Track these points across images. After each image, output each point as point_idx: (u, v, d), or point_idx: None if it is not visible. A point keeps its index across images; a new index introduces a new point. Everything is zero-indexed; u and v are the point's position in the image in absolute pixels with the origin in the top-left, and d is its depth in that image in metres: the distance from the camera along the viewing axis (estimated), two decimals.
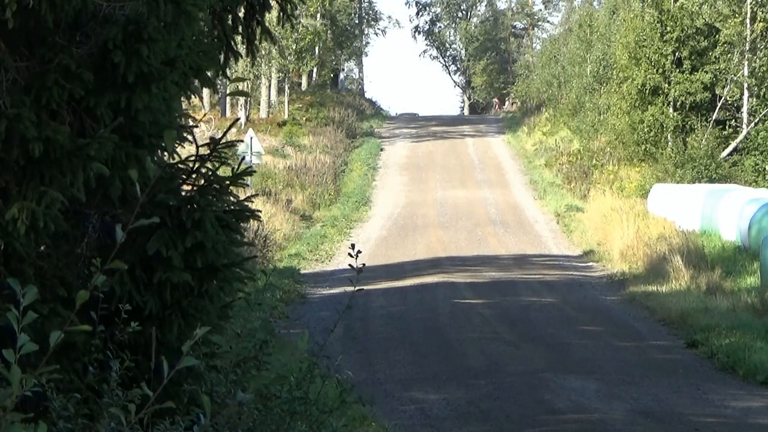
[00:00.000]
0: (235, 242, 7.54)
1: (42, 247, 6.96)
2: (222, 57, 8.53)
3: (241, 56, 9.05)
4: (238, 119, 40.42)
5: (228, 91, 7.90)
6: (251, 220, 7.92)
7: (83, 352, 6.86)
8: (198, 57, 7.44)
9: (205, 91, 51.84)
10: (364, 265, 8.59)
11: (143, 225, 7.03)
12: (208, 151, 7.71)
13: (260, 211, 8.13)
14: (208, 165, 7.69)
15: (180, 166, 7.82)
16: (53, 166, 6.72)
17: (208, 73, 7.81)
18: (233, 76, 8.53)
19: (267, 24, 9.21)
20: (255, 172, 8.71)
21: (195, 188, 7.59)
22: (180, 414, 6.78)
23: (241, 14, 8.95)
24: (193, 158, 7.74)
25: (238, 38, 9.03)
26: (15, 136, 6.68)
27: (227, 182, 7.62)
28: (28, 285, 4.13)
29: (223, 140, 7.77)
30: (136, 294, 7.18)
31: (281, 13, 9.21)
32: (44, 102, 6.81)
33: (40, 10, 6.64)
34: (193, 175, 7.69)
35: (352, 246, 8.62)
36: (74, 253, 7.15)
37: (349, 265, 8.50)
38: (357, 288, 8.75)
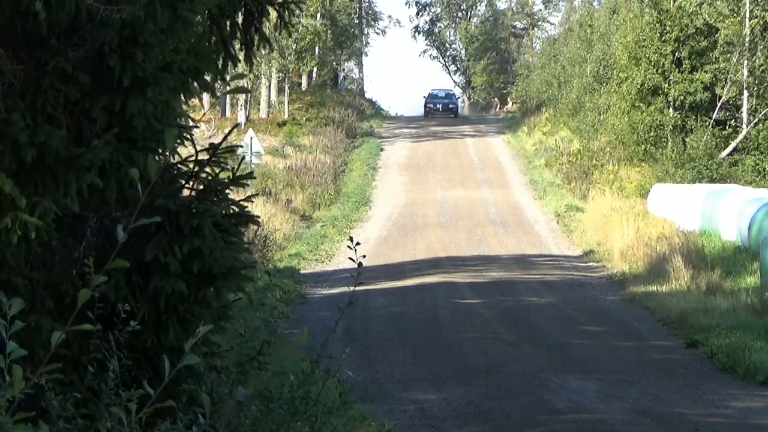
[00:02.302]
0: (233, 247, 7.52)
1: (40, 250, 6.95)
2: (220, 62, 8.54)
3: (240, 61, 9.05)
4: (238, 124, 40.41)
5: (228, 89, 7.87)
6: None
7: (81, 352, 6.86)
8: (196, 60, 7.43)
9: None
10: (364, 256, 8.59)
11: (143, 227, 7.05)
12: (207, 156, 7.70)
13: (259, 217, 8.13)
14: (207, 170, 7.68)
15: (179, 167, 7.81)
16: (47, 174, 6.70)
17: (207, 77, 7.81)
18: (232, 75, 8.53)
19: (265, 30, 9.22)
20: (255, 178, 8.73)
21: (194, 193, 7.57)
22: (179, 413, 6.78)
23: (239, 20, 8.95)
24: (192, 160, 7.73)
25: (237, 44, 9.04)
26: (6, 141, 6.66)
27: (226, 185, 7.61)
28: (14, 298, 4.26)
29: (223, 144, 7.76)
30: (132, 299, 7.16)
31: (279, 20, 9.22)
32: (40, 105, 6.80)
33: (36, 14, 6.64)
34: (192, 180, 7.68)
35: (351, 239, 8.63)
36: (71, 258, 7.14)
37: (350, 258, 8.50)
38: (358, 284, 8.75)
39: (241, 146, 35.41)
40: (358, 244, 8.49)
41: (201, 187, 7.61)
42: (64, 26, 6.90)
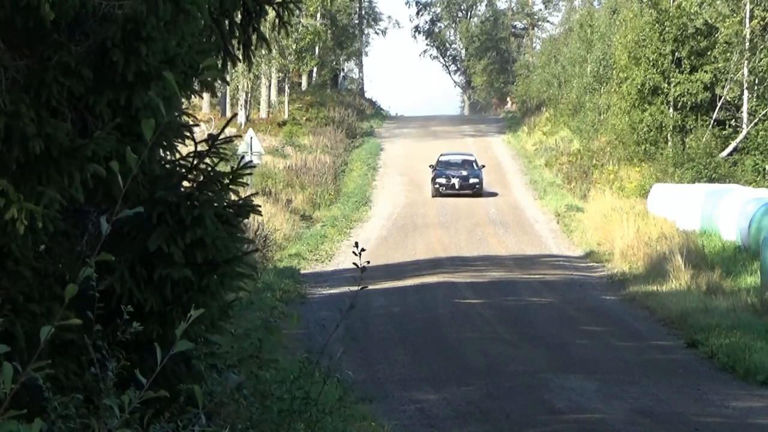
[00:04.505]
0: (234, 238, 7.54)
1: (42, 246, 6.95)
2: (220, 61, 8.55)
3: (239, 60, 9.06)
4: (235, 115, 40.37)
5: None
6: (251, 219, 7.94)
7: (82, 351, 6.85)
8: (197, 57, 7.44)
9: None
10: (368, 262, 8.59)
11: (145, 219, 7.05)
12: (207, 147, 7.72)
13: (260, 206, 8.13)
14: (207, 161, 7.70)
15: (180, 162, 7.83)
16: (51, 166, 6.72)
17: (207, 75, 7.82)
18: (236, 78, 8.58)
19: (263, 30, 9.23)
20: (254, 166, 8.74)
21: (194, 184, 7.59)
22: (175, 413, 6.77)
23: (237, 19, 8.96)
24: (192, 155, 7.75)
25: (235, 43, 9.04)
26: (15, 134, 6.68)
27: (226, 179, 7.63)
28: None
29: (221, 136, 7.77)
30: (137, 291, 7.17)
31: (278, 20, 9.22)
32: (44, 99, 6.82)
33: (39, 9, 6.65)
34: (193, 172, 7.70)
35: (356, 244, 8.62)
36: (75, 251, 7.15)
37: (354, 263, 8.50)
38: (361, 286, 8.76)
39: (240, 137, 35.41)
40: (363, 250, 8.50)
41: (201, 178, 7.63)
42: (67, 22, 6.91)
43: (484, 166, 50.05)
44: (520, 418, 14.03)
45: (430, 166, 49.92)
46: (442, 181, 48.05)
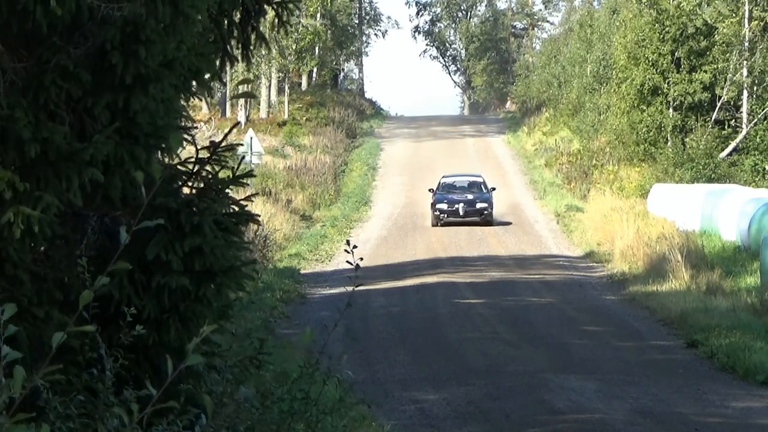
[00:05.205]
0: (234, 246, 7.52)
1: (42, 248, 6.95)
2: (218, 61, 8.55)
3: (238, 60, 9.05)
4: (238, 123, 40.41)
5: (235, 93, 7.92)
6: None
7: (80, 352, 6.85)
8: (196, 59, 7.44)
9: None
10: (361, 259, 8.63)
11: (146, 227, 7.06)
12: (208, 155, 7.71)
13: (259, 215, 8.14)
14: (208, 168, 7.69)
15: (179, 167, 7.81)
16: (49, 169, 6.72)
17: (206, 76, 7.81)
18: (236, 78, 8.58)
19: (262, 29, 9.23)
20: (255, 176, 8.77)
21: (194, 191, 7.58)
22: (176, 414, 6.77)
23: (236, 19, 8.95)
24: (192, 160, 7.73)
25: (234, 43, 9.03)
26: (10, 138, 6.67)
27: (227, 184, 7.62)
28: (6, 303, 4.23)
29: (223, 143, 7.76)
30: (135, 298, 7.16)
31: (276, 20, 9.22)
32: (42, 102, 6.81)
33: (34, 13, 6.64)
34: (193, 178, 7.69)
35: (348, 242, 8.66)
36: (73, 255, 7.13)
37: (347, 261, 8.53)
38: (357, 285, 8.78)
39: (242, 144, 35.42)
40: (355, 247, 8.54)
41: (201, 185, 7.61)
42: (65, 24, 6.90)
43: (494, 189, 42.89)
44: (520, 418, 14.04)
45: (429, 190, 42.90)
46: (444, 207, 41.03)
